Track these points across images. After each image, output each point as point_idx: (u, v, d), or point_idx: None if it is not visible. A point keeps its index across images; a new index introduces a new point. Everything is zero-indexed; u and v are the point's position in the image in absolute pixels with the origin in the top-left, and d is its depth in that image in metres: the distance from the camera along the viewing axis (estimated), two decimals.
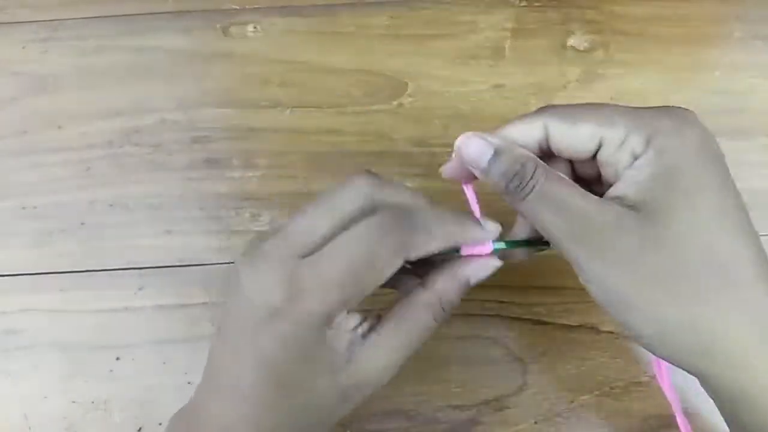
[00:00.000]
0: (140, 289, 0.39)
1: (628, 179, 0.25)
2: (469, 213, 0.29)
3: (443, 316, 0.28)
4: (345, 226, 0.26)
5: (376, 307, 0.28)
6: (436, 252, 0.27)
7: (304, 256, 0.26)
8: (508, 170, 0.26)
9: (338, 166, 0.41)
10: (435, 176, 0.40)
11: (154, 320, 0.38)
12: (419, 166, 0.41)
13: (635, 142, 0.25)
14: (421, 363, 0.37)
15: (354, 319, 0.27)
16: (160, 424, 0.36)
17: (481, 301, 0.37)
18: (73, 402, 0.37)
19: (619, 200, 0.25)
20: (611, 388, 0.36)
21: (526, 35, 0.44)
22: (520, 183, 0.26)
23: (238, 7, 0.45)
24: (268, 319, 0.26)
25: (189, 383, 0.37)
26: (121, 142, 0.42)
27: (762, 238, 0.39)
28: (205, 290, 0.38)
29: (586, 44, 0.44)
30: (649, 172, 0.24)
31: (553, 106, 0.27)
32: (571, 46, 0.44)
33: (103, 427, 0.36)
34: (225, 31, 0.45)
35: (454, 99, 0.42)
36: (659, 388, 0.36)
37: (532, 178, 0.25)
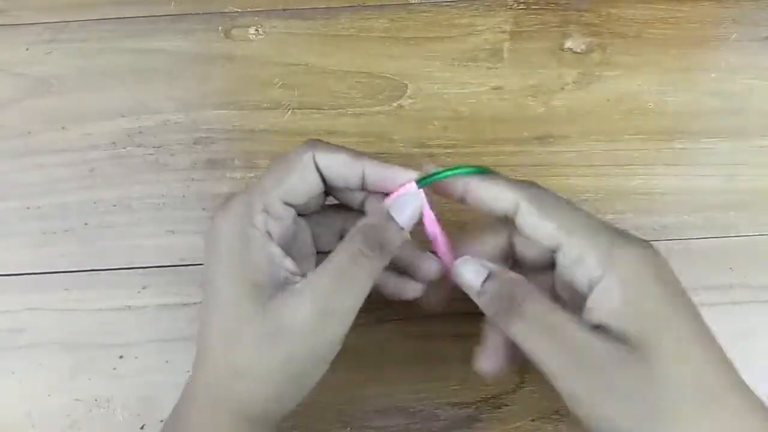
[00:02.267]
0: (143, 288, 0.39)
1: (602, 306, 0.25)
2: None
3: (366, 243, 0.27)
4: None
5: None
6: (347, 169, 0.29)
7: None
8: (500, 293, 0.27)
9: None
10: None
11: (157, 319, 0.38)
12: (419, 167, 0.41)
13: (591, 263, 0.26)
14: (421, 361, 0.37)
15: (273, 223, 0.28)
16: (163, 421, 0.36)
17: None
18: (77, 400, 0.37)
19: (605, 331, 0.25)
20: None
21: (524, 38, 0.45)
22: (511, 304, 0.26)
23: (239, 10, 0.45)
24: (213, 224, 0.28)
25: None
26: (124, 143, 0.42)
27: (761, 237, 0.40)
28: None
29: (583, 46, 0.44)
30: (619, 301, 0.25)
31: (524, 184, 0.29)
32: (569, 49, 0.44)
33: (106, 424, 0.36)
34: (227, 33, 0.45)
35: (453, 101, 0.43)
36: None
37: (524, 300, 0.26)
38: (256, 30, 0.45)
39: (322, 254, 0.32)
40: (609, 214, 0.40)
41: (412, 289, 0.31)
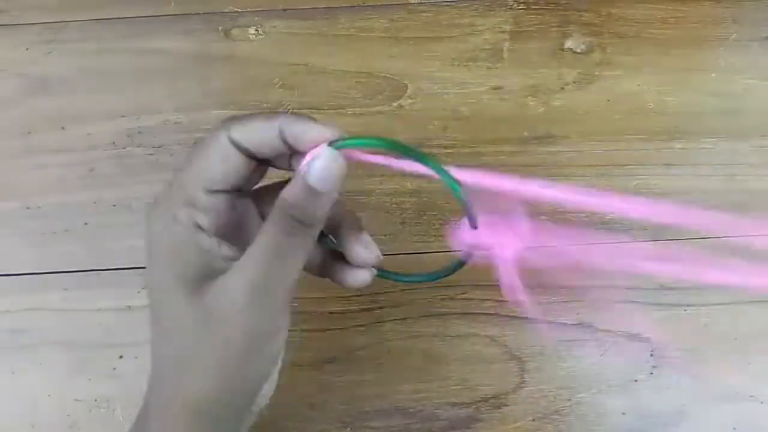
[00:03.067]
0: (143, 288, 0.39)
1: None
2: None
3: (288, 221, 0.25)
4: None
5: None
6: (263, 136, 0.26)
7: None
8: None
9: None
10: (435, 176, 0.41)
11: None
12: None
13: None
14: (421, 361, 0.37)
15: (226, 248, 0.27)
16: None
17: (480, 300, 0.38)
18: (77, 400, 0.37)
19: None
20: (608, 386, 0.36)
21: (524, 38, 0.45)
22: None
23: (239, 10, 0.45)
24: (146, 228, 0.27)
25: None
26: (124, 143, 0.42)
27: (761, 238, 0.40)
28: None
29: (583, 46, 0.44)
30: None
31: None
32: (569, 49, 0.44)
33: (106, 424, 0.37)
34: (227, 33, 0.45)
35: (453, 100, 0.43)
36: (655, 387, 0.36)
37: None
38: (256, 30, 0.45)
39: None
40: (609, 214, 0.40)
41: (352, 278, 0.29)
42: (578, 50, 0.44)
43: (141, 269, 0.39)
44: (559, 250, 0.29)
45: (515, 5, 0.45)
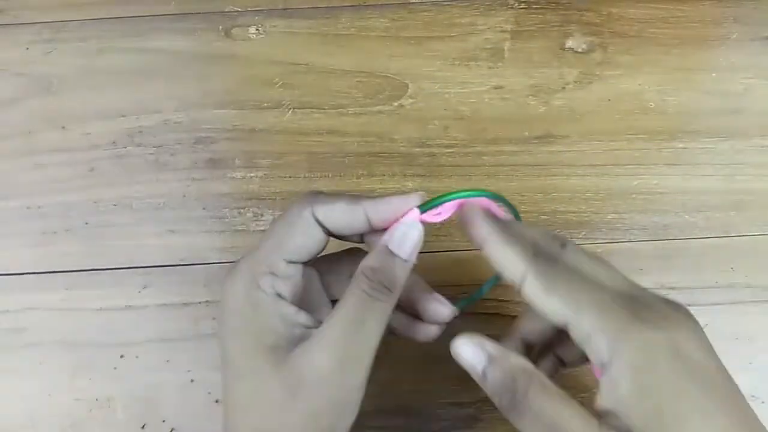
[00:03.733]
0: (144, 287, 0.39)
1: (610, 394, 0.24)
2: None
3: (373, 289, 0.26)
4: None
5: None
6: (347, 217, 0.28)
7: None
8: (502, 383, 0.25)
9: (339, 167, 0.41)
10: (435, 177, 0.41)
11: (158, 319, 0.38)
12: (419, 167, 0.41)
13: (599, 345, 0.24)
14: (421, 360, 0.37)
15: (282, 282, 0.27)
16: (164, 421, 0.36)
17: (481, 300, 0.38)
18: (78, 399, 0.37)
19: (615, 419, 0.23)
20: None
21: (525, 37, 0.45)
22: (513, 398, 0.25)
23: (240, 9, 0.45)
24: (222, 297, 0.28)
25: (192, 381, 0.37)
26: (124, 142, 0.42)
27: (762, 237, 0.40)
28: (208, 289, 0.39)
29: (584, 46, 0.44)
30: (627, 390, 0.23)
31: (539, 258, 0.26)
32: (570, 48, 0.44)
33: (108, 424, 0.37)
34: (227, 32, 0.45)
35: (454, 100, 0.43)
36: None
37: (527, 393, 0.25)
38: (257, 29, 0.45)
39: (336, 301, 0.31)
40: (610, 214, 0.40)
41: (423, 333, 0.31)
42: (579, 50, 0.44)
43: (141, 269, 0.39)
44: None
45: (516, 4, 0.45)
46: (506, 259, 0.27)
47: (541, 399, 0.25)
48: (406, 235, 0.27)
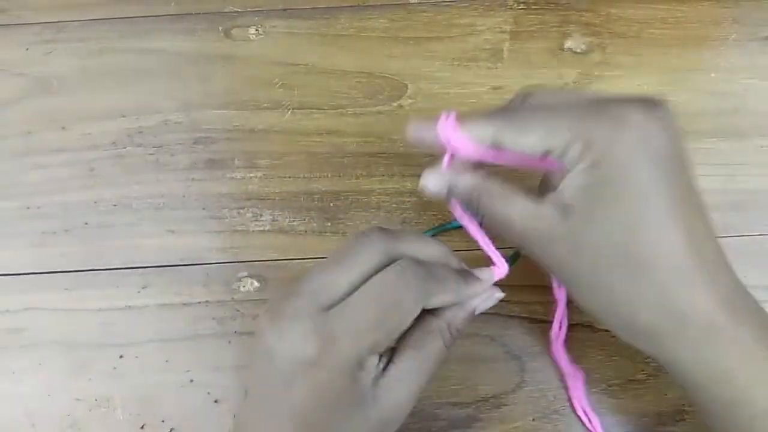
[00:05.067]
0: (143, 288, 0.39)
1: (565, 186, 0.27)
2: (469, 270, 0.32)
3: (452, 343, 0.30)
4: (363, 281, 0.28)
5: None
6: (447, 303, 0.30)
7: (327, 309, 0.27)
8: (465, 202, 0.30)
9: (338, 167, 0.41)
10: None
11: (157, 319, 0.38)
12: (419, 167, 0.41)
13: (574, 152, 0.26)
14: None
15: (375, 357, 0.28)
16: (163, 421, 0.36)
17: None
18: (77, 400, 0.37)
19: (554, 206, 0.27)
20: (609, 386, 0.36)
21: (524, 37, 0.45)
22: (475, 211, 0.30)
23: (239, 10, 0.46)
24: (302, 372, 0.26)
25: (191, 381, 0.37)
26: (124, 142, 0.42)
27: (761, 237, 0.40)
28: (208, 289, 0.39)
29: (583, 46, 0.44)
30: (580, 181, 0.26)
31: (503, 112, 0.30)
32: (569, 49, 0.44)
33: (107, 424, 0.37)
34: (227, 33, 0.45)
35: (453, 101, 0.43)
36: (658, 386, 0.36)
37: (479, 205, 0.29)
38: (257, 30, 0.45)
39: None
40: None
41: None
42: (578, 50, 0.44)
43: (141, 269, 0.39)
44: None
45: (515, 5, 0.45)
46: (474, 131, 0.28)
47: (490, 203, 0.28)
48: (490, 301, 0.32)
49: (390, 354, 0.28)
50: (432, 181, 0.30)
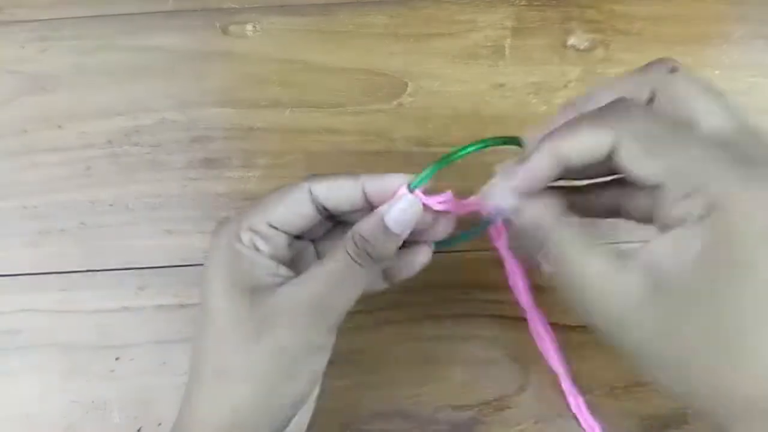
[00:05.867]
0: (140, 289, 0.39)
1: (663, 250, 0.22)
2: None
3: (359, 253, 0.27)
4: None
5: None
6: (346, 193, 0.28)
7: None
8: (525, 231, 0.26)
9: (338, 166, 0.41)
10: (434, 176, 0.41)
11: (154, 320, 0.38)
12: (419, 166, 0.40)
13: (693, 206, 0.21)
14: (421, 363, 0.37)
15: (249, 232, 0.28)
16: (160, 424, 0.36)
17: (482, 302, 0.37)
18: (73, 402, 0.37)
19: (643, 274, 0.22)
20: (612, 389, 0.36)
21: (526, 34, 0.44)
22: (533, 251, 0.25)
23: (237, 6, 0.45)
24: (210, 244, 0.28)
25: None
26: (120, 141, 0.42)
27: None
28: None
29: (586, 43, 0.44)
30: (691, 250, 0.21)
31: (629, 111, 0.24)
32: (572, 45, 0.44)
33: (103, 427, 0.36)
34: (224, 30, 0.44)
35: (454, 98, 0.42)
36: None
37: (544, 249, 0.24)
38: (254, 26, 0.44)
39: None
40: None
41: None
42: (581, 47, 0.44)
43: (137, 270, 0.39)
44: None
45: (517, 1, 0.45)
46: (588, 138, 0.24)
47: (562, 251, 0.24)
48: (405, 212, 0.27)
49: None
50: (499, 193, 0.26)
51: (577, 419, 0.35)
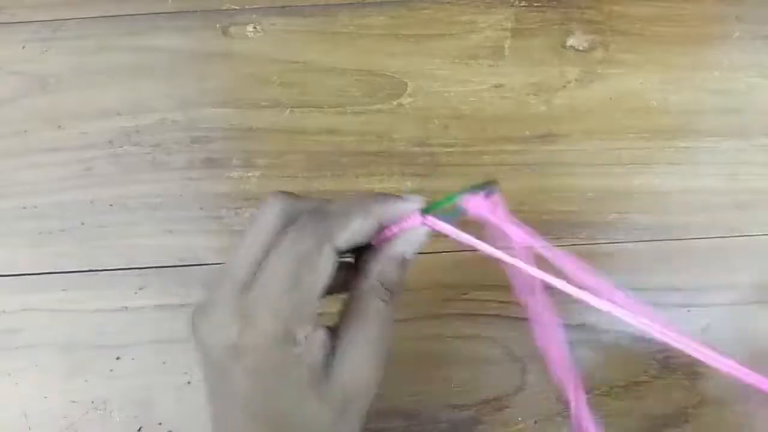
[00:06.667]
0: (140, 288, 0.39)
1: None
2: (390, 193, 0.28)
3: (390, 297, 0.27)
4: (272, 246, 0.25)
5: None
6: (364, 234, 0.26)
7: (249, 287, 0.25)
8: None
9: (338, 166, 0.41)
10: (434, 176, 0.41)
11: (154, 320, 0.38)
12: (419, 166, 0.41)
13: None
14: (421, 363, 0.37)
15: (321, 333, 0.26)
16: (160, 423, 0.36)
17: (482, 302, 0.37)
18: (73, 401, 0.37)
19: None
20: (611, 388, 0.36)
21: (526, 35, 0.44)
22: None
23: (237, 7, 0.45)
24: (231, 359, 0.25)
25: (189, 383, 0.37)
26: (121, 141, 0.42)
27: (764, 237, 0.39)
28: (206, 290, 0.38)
29: (585, 44, 0.44)
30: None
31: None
32: (571, 46, 0.44)
33: (103, 426, 0.36)
34: (224, 31, 0.45)
35: (453, 99, 0.43)
36: (661, 388, 0.36)
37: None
38: (254, 27, 0.45)
39: None
40: (612, 214, 0.40)
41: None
42: (580, 48, 0.44)
43: (138, 269, 0.39)
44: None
45: (517, 2, 0.45)
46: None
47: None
48: (416, 239, 0.27)
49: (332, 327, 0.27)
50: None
51: (576, 419, 0.35)
